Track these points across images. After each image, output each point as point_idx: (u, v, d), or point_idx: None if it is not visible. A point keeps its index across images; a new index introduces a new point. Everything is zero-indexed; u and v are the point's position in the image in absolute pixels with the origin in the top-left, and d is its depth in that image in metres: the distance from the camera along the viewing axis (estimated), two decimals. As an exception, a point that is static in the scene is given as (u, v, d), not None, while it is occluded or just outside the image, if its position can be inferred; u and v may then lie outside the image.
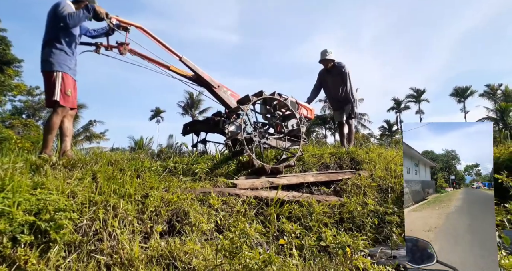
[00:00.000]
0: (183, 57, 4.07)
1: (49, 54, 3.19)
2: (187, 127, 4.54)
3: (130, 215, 2.14)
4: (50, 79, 3.17)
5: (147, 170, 2.81)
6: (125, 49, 3.75)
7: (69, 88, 3.24)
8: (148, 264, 1.91)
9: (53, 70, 3.17)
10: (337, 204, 3.30)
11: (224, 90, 4.35)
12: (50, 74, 3.18)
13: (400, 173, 4.07)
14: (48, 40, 3.23)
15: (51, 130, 3.16)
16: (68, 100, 3.24)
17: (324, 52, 5.46)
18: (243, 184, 3.23)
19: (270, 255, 1.20)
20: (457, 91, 48.55)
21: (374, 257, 2.44)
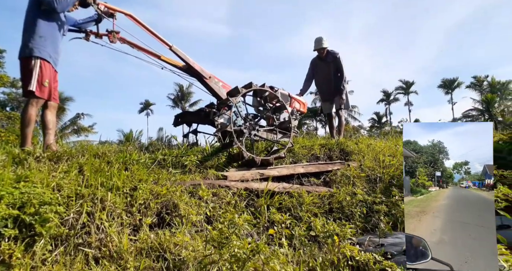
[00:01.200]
0: (174, 47, 3.98)
1: (29, 40, 3.00)
2: (178, 118, 4.50)
3: (119, 207, 2.12)
4: (27, 66, 2.97)
5: (135, 163, 2.77)
6: (115, 37, 3.66)
7: (46, 79, 3.05)
8: (137, 257, 1.90)
9: (32, 55, 2.98)
10: (327, 194, 3.34)
11: (215, 82, 4.29)
12: (28, 61, 2.98)
13: (388, 163, 4.13)
14: (29, 25, 3.05)
15: (28, 124, 2.99)
16: (45, 91, 3.04)
17: (319, 40, 5.39)
18: (233, 175, 3.23)
19: (258, 244, 1.20)
20: (444, 83, 49.41)
21: (362, 245, 2.48)
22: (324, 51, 5.39)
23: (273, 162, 3.69)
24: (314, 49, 5.46)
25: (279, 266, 1.27)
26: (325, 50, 5.38)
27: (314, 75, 5.66)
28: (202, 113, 4.20)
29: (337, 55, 5.37)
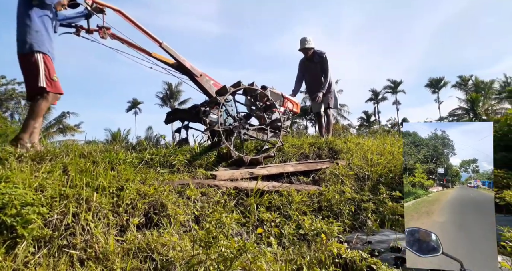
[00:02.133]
0: (164, 43, 3.95)
1: (26, 35, 2.93)
2: (170, 116, 4.50)
3: (105, 208, 2.08)
4: (31, 62, 2.92)
5: (122, 162, 2.72)
6: (105, 33, 3.63)
7: (54, 73, 3.02)
8: (124, 257, 1.87)
9: (33, 50, 2.92)
10: (316, 192, 3.36)
11: (206, 80, 4.26)
12: (30, 56, 2.93)
13: (376, 162, 4.19)
14: (23, 21, 2.98)
15: (36, 117, 2.95)
16: (57, 86, 3.03)
17: (303, 40, 5.40)
18: (222, 175, 3.21)
19: (245, 243, 1.19)
20: (431, 82, 50.45)
21: (350, 243, 2.51)
22: (309, 51, 5.41)
23: (262, 161, 3.69)
24: (298, 49, 5.48)
25: (266, 265, 1.27)
26: (310, 51, 5.40)
27: (304, 75, 5.68)
28: (194, 111, 4.19)
29: (323, 55, 5.39)
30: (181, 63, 4.08)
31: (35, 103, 2.97)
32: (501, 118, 5.32)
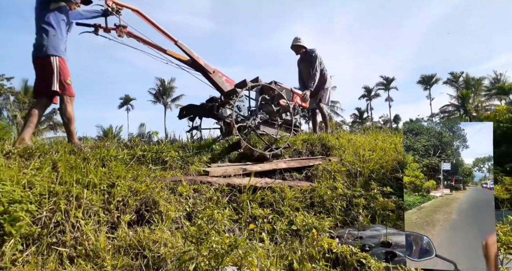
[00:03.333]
0: (179, 41, 4.11)
1: (44, 39, 3.15)
2: (183, 111, 4.64)
3: (95, 205, 2.05)
4: (47, 66, 3.12)
5: (113, 159, 2.69)
6: (122, 32, 3.81)
7: (68, 77, 3.23)
8: (115, 255, 1.86)
9: (49, 54, 3.13)
10: (308, 189, 3.37)
11: (219, 76, 4.40)
12: (46, 60, 3.12)
13: (368, 158, 4.23)
14: (42, 25, 3.18)
15: (70, 121, 3.23)
16: (69, 89, 3.23)
17: (294, 39, 5.53)
18: (215, 171, 3.20)
19: (236, 239, 1.19)
20: (423, 79, 50.95)
21: (342, 238, 2.53)
22: (300, 49, 5.55)
23: (270, 157, 3.76)
24: (290, 47, 5.63)
25: (257, 260, 1.27)
26: (300, 49, 5.54)
27: (301, 74, 5.81)
28: (206, 107, 4.35)
29: (312, 53, 5.50)
30: (195, 60, 4.23)
31: (64, 111, 3.23)
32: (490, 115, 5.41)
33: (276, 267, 1.36)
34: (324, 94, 5.63)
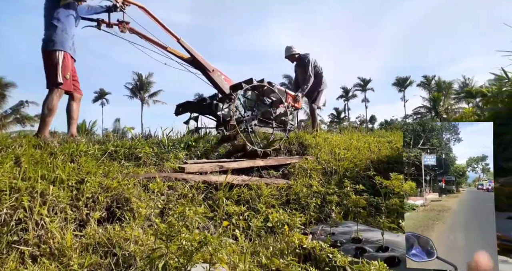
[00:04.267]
0: (181, 39, 4.22)
1: (52, 34, 3.30)
2: (179, 108, 4.66)
3: (62, 202, 1.96)
4: (53, 60, 3.28)
5: (83, 154, 2.59)
6: (125, 28, 3.90)
7: (68, 72, 3.36)
8: (83, 253, 1.79)
9: (55, 49, 3.28)
10: (285, 186, 3.41)
11: (218, 75, 4.49)
12: (52, 54, 3.28)
13: (343, 156, 4.33)
14: (51, 20, 3.32)
15: (50, 113, 3.27)
16: (67, 83, 3.36)
17: (287, 49, 5.81)
18: (191, 168, 3.16)
19: (206, 235, 1.18)
20: (398, 81, 52.86)
21: (315, 234, 2.59)
22: (295, 57, 5.83)
23: (271, 153, 3.97)
24: (284, 57, 5.88)
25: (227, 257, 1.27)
26: (295, 57, 5.81)
27: (297, 78, 6.06)
28: (204, 104, 4.44)
29: (306, 59, 5.75)
30: (196, 58, 4.31)
31: (47, 101, 3.28)
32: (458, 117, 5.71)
33: (244, 263, 1.36)
34: (318, 96, 5.88)
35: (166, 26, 4.10)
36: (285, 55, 5.87)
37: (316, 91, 5.84)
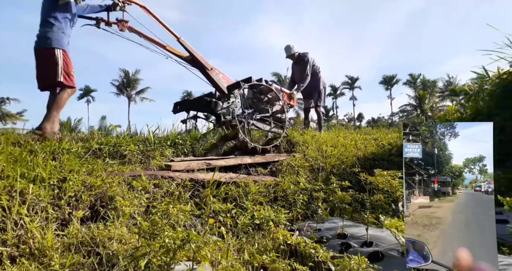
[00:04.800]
0: (181, 39, 4.29)
1: (48, 31, 3.28)
2: (177, 106, 4.71)
3: (43, 201, 1.91)
4: (50, 57, 3.25)
5: (65, 152, 2.53)
6: (124, 26, 3.95)
7: (71, 69, 3.38)
8: (64, 253, 1.75)
9: (53, 47, 3.26)
10: (273, 183, 3.41)
11: (216, 73, 4.58)
12: (49, 52, 3.25)
13: (330, 154, 4.37)
14: (48, 18, 3.32)
15: (59, 108, 3.29)
16: (73, 80, 3.38)
17: (288, 48, 5.96)
18: (178, 165, 3.13)
19: (188, 233, 1.17)
20: (385, 79, 53.71)
21: (302, 230, 2.61)
22: (295, 56, 5.97)
23: (271, 149, 4.12)
24: (286, 57, 6.03)
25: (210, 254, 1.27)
26: (295, 55, 5.96)
27: (294, 76, 6.18)
28: (203, 103, 4.48)
29: (304, 58, 5.90)
30: (195, 57, 4.38)
31: (58, 96, 3.30)
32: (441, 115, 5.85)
33: (227, 260, 1.36)
34: (319, 96, 6.01)
35: (167, 25, 4.17)
36: (286, 55, 6.02)
37: (317, 92, 5.99)
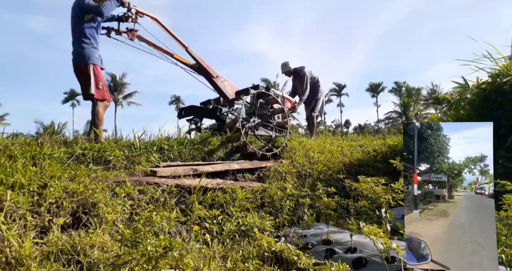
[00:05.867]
0: (189, 48, 4.47)
1: (83, 48, 3.58)
2: (182, 112, 4.85)
3: (22, 208, 1.86)
4: (85, 73, 3.58)
5: (47, 157, 2.46)
6: (133, 35, 4.15)
7: (100, 82, 3.66)
8: (43, 261, 1.70)
9: (87, 63, 3.57)
10: (260, 189, 3.41)
11: (221, 80, 4.72)
12: (85, 68, 3.58)
13: (317, 160, 4.41)
14: (79, 35, 3.59)
15: (100, 122, 3.65)
16: (101, 93, 3.65)
17: (283, 65, 6.28)
18: (163, 171, 3.09)
19: (171, 241, 1.16)
20: (371, 86, 54.85)
21: (288, 237, 2.61)
22: (290, 72, 6.30)
23: (270, 157, 4.22)
24: (281, 73, 6.34)
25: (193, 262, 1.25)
26: (291, 72, 6.29)
27: (295, 88, 6.52)
28: (209, 109, 4.64)
29: (301, 72, 6.22)
30: (202, 65, 4.53)
31: (94, 111, 3.63)
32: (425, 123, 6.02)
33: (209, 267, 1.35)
34: (316, 104, 6.28)
35: (176, 35, 4.38)
36: (281, 71, 6.27)
37: (314, 99, 6.24)
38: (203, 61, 4.62)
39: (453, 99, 4.73)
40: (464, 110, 4.17)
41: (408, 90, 47.42)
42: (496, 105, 3.64)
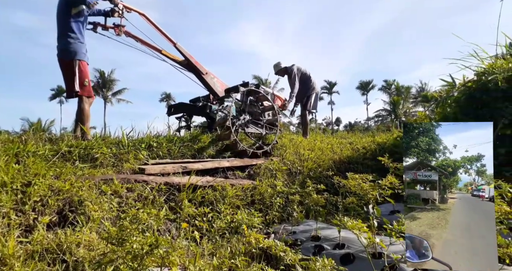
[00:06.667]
0: (178, 44, 4.42)
1: (68, 43, 3.48)
2: (171, 109, 4.80)
3: (5, 206, 1.81)
4: (70, 69, 3.48)
5: (31, 155, 2.40)
6: (120, 31, 4.07)
7: (86, 78, 3.56)
8: (27, 261, 1.66)
9: (72, 59, 3.47)
10: (250, 187, 3.41)
11: (211, 77, 4.68)
12: (70, 63, 3.47)
13: (307, 157, 4.44)
14: (65, 30, 3.50)
15: (87, 119, 3.55)
16: (86, 89, 3.55)
17: (275, 66, 6.36)
18: (152, 169, 3.06)
19: (157, 238, 1.15)
20: (361, 85, 55.38)
21: (277, 233, 2.62)
22: (282, 72, 6.36)
23: (260, 155, 4.21)
24: (274, 73, 6.40)
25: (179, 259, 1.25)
26: (282, 71, 6.34)
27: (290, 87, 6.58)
28: (198, 106, 4.59)
29: (289, 70, 6.24)
30: (190, 61, 4.48)
31: (80, 108, 3.53)
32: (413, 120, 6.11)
33: (195, 265, 1.34)
34: (307, 101, 6.25)
35: (164, 31, 4.30)
36: (274, 72, 6.35)
37: (305, 96, 6.25)
38: (192, 57, 4.58)
39: (441, 97, 4.81)
40: (451, 108, 4.24)
41: (398, 89, 48.06)
42: (481, 103, 3.72)
